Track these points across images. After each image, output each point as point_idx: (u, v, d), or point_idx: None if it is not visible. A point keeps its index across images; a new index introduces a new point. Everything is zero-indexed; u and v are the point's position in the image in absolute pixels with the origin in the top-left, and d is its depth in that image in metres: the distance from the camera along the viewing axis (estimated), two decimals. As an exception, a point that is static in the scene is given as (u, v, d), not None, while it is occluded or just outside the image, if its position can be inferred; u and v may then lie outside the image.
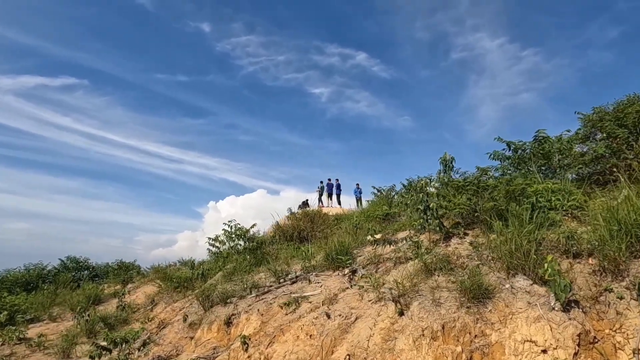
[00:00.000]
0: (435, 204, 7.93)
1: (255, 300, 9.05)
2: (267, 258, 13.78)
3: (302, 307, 7.68)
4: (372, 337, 5.99)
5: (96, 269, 26.78)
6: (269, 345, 6.84)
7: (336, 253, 9.20)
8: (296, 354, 6.31)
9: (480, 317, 5.39)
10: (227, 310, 9.21)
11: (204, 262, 15.87)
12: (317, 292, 8.09)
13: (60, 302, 19.23)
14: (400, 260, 8.10)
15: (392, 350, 5.52)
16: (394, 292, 6.45)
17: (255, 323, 8.11)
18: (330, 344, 6.24)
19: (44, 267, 25.50)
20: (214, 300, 9.81)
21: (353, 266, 8.54)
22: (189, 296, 12.66)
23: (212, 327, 8.90)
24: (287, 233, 14.87)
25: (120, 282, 21.66)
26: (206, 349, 8.46)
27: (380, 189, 15.73)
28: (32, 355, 10.83)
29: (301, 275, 9.44)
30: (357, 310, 6.84)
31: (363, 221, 13.38)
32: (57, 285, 22.15)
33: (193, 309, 10.57)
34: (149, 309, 13.26)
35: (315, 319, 6.88)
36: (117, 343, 8.16)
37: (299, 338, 6.65)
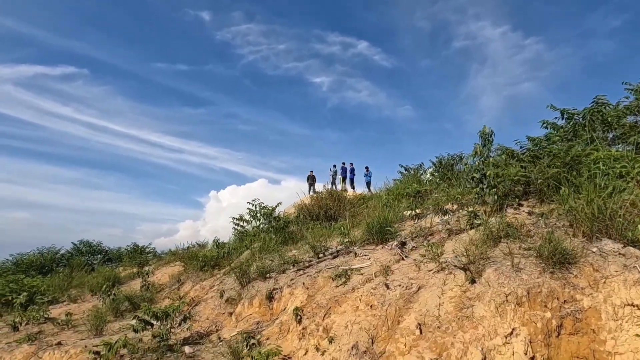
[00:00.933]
0: (492, 171, 7.55)
1: (297, 274, 8.74)
2: (293, 237, 13.51)
3: (353, 279, 7.36)
4: (441, 305, 5.67)
5: (109, 253, 26.57)
6: (326, 317, 6.53)
7: (380, 227, 8.86)
8: (359, 324, 6.00)
9: (566, 282, 5.05)
10: (267, 285, 8.90)
11: (225, 242, 15.56)
12: (367, 264, 7.77)
13: (76, 284, 19.06)
14: (454, 232, 7.76)
15: (469, 317, 5.20)
16: (460, 261, 6.11)
17: (301, 296, 7.81)
18: (395, 313, 5.93)
19: (58, 251, 25.30)
20: (251, 276, 9.50)
21: (400, 239, 8.19)
22: (217, 275, 12.38)
23: (253, 302, 8.60)
24: (312, 212, 14.53)
25: (136, 265, 21.42)
26: (249, 324, 8.17)
27: (407, 167, 15.36)
28: (61, 333, 10.58)
29: (342, 250, 9.13)
30: (417, 280, 6.52)
31: (392, 199, 13.03)
32: (72, 268, 21.96)
33: (227, 285, 10.27)
34: (174, 288, 12.98)
35: (374, 289, 6.56)
36: (159, 317, 7.86)
37: (358, 308, 6.33)
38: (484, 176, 7.60)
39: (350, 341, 5.72)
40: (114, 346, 7.04)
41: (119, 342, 7.13)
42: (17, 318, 11.15)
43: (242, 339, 6.75)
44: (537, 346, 4.62)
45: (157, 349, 7.71)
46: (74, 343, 9.10)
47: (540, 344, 4.62)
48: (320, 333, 6.24)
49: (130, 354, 7.62)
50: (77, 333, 10.39)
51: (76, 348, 8.58)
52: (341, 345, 5.71)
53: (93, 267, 23.47)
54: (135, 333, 7.71)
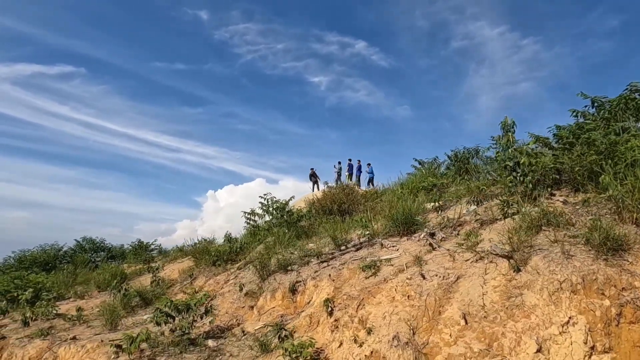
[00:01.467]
0: (526, 159, 7.32)
1: (321, 267, 8.50)
2: (306, 231, 13.27)
3: (384, 270, 7.13)
4: (485, 295, 5.44)
5: (112, 250, 26.24)
6: (360, 308, 6.29)
7: (405, 218, 8.63)
8: (397, 314, 5.76)
9: (622, 269, 4.83)
10: (289, 277, 8.66)
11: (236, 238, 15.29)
12: (396, 255, 7.54)
13: (81, 281, 18.79)
14: (486, 222, 7.54)
15: (520, 306, 4.97)
16: (502, 249, 5.88)
17: (327, 288, 7.56)
18: (435, 303, 5.69)
19: (61, 248, 24.97)
20: (272, 269, 9.26)
21: (428, 230, 7.96)
22: (230, 269, 12.13)
23: (276, 294, 8.36)
24: (325, 207, 14.27)
25: (141, 262, 21.13)
26: (273, 317, 7.92)
27: (421, 161, 15.13)
28: (73, 328, 10.30)
29: (365, 242, 8.89)
30: (453, 270, 6.29)
31: (407, 193, 12.80)
32: (76, 265, 21.67)
33: (244, 279, 10.02)
34: (187, 283, 12.71)
35: (409, 279, 6.33)
36: (180, 310, 7.60)
37: (394, 299, 6.09)
38: (517, 164, 7.37)
39: (390, 332, 5.49)
40: (136, 339, 6.78)
41: (141, 335, 6.87)
42: (27, 313, 10.85)
43: (273, 330, 6.49)
44: (597, 335, 4.39)
45: (178, 343, 7.45)
46: (89, 338, 8.83)
47: (600, 332, 4.40)
48: (355, 324, 6.00)
49: (151, 348, 7.36)
50: (90, 328, 10.12)
51: (93, 342, 8.32)
52: (381, 337, 5.47)
53: (97, 265, 23.18)
54: (158, 326, 7.45)
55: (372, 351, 5.35)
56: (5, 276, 17.16)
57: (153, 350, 7.32)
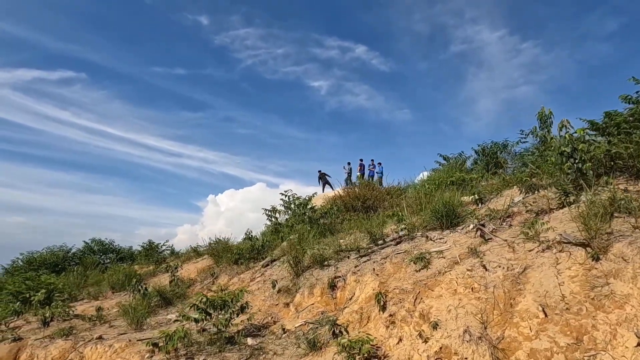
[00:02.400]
0: (583, 146, 6.91)
1: (360, 261, 8.07)
2: (330, 228, 12.86)
3: (435, 262, 6.70)
4: (562, 285, 5.01)
5: (121, 251, 25.81)
6: (417, 302, 5.86)
7: (447, 211, 8.22)
8: (463, 307, 5.33)
9: None
10: (327, 273, 8.24)
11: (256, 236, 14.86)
12: (445, 247, 7.11)
13: (92, 282, 18.42)
14: (540, 211, 7.12)
15: (609, 296, 4.54)
16: (574, 237, 5.46)
17: (372, 283, 7.13)
18: (504, 296, 5.27)
19: (69, 250, 24.56)
20: (306, 265, 8.83)
21: (477, 222, 7.53)
22: (254, 267, 11.70)
23: (314, 291, 7.93)
24: (348, 204, 13.86)
25: (153, 263, 20.70)
26: (312, 314, 7.50)
27: (446, 156, 14.74)
28: (95, 328, 9.86)
29: (405, 236, 8.47)
30: (517, 261, 5.86)
31: (434, 188, 12.40)
32: (86, 267, 21.27)
33: (275, 275, 9.59)
34: (208, 282, 12.28)
35: (470, 271, 5.90)
36: (216, 307, 7.17)
37: (457, 292, 5.66)
38: (574, 150, 6.96)
39: (459, 326, 5.06)
40: (174, 337, 6.34)
41: (179, 333, 6.44)
42: (47, 313, 10.42)
43: (328, 326, 6.06)
44: None
45: (214, 341, 7.02)
46: (116, 337, 8.39)
47: None
48: (416, 319, 5.57)
49: (185, 347, 6.93)
50: (112, 328, 9.68)
51: (120, 342, 7.88)
52: (449, 331, 5.05)
53: (106, 266, 22.76)
54: (196, 323, 7.02)
55: (441, 347, 4.92)
56: (17, 277, 16.77)
57: (188, 350, 6.89)
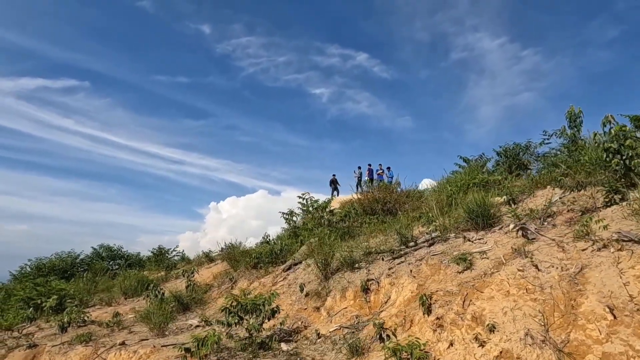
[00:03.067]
0: (631, 141, 6.64)
1: (393, 263, 7.79)
2: (348, 231, 12.59)
3: (479, 263, 6.42)
4: (627, 285, 4.72)
5: (130, 257, 25.52)
6: (466, 304, 5.56)
7: (482, 211, 7.95)
8: (520, 310, 5.04)
9: None
10: (358, 276, 7.96)
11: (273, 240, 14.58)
12: (487, 248, 6.83)
13: (102, 288, 18.18)
14: (584, 210, 6.84)
15: (685, 296, 4.25)
16: (635, 235, 5.18)
17: (410, 286, 6.85)
18: (564, 297, 4.97)
19: (77, 256, 24.28)
20: (334, 268, 8.54)
21: (517, 222, 7.25)
22: (274, 271, 11.41)
23: (346, 294, 7.64)
24: (367, 207, 13.57)
25: (164, 269, 20.42)
26: (346, 318, 7.20)
27: (467, 158, 14.47)
28: (114, 335, 9.57)
29: (438, 237, 8.18)
30: (570, 260, 5.57)
31: (456, 191, 12.11)
32: (95, 273, 21.03)
33: (300, 279, 9.30)
34: (226, 287, 11.98)
35: (521, 271, 5.61)
36: (247, 311, 6.88)
37: (509, 293, 5.37)
38: (621, 146, 6.69)
39: (518, 329, 4.76)
40: (207, 342, 6.05)
41: (212, 337, 6.15)
42: (65, 318, 10.13)
43: (375, 329, 5.76)
44: None
45: (246, 347, 6.73)
46: (139, 343, 8.10)
47: None
48: (468, 322, 5.27)
49: (215, 353, 6.63)
50: (132, 334, 9.39)
51: (145, 348, 7.58)
52: (508, 335, 4.75)
53: (115, 272, 22.50)
54: (229, 327, 6.72)
55: (501, 351, 4.62)
56: (28, 283, 16.52)
57: (219, 355, 6.59)
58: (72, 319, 11.10)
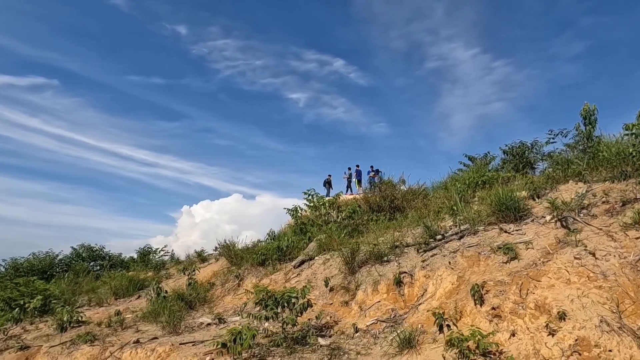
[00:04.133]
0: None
1: (426, 256, 7.57)
2: (356, 228, 12.36)
3: (524, 254, 6.27)
4: (696, 271, 4.65)
5: (112, 258, 24.40)
6: (524, 293, 5.37)
7: (512, 205, 7.86)
8: (587, 297, 4.88)
9: None
10: (388, 269, 7.70)
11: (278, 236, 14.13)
12: (527, 238, 6.70)
13: (87, 289, 17.26)
14: (625, 201, 6.81)
15: None
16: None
17: (450, 277, 6.64)
18: (631, 284, 4.86)
19: (56, 256, 23.04)
20: (360, 261, 8.26)
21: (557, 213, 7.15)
22: (282, 268, 11.01)
23: (379, 287, 7.37)
24: (374, 204, 13.36)
25: (151, 269, 19.61)
26: (382, 312, 6.91)
27: (472, 157, 14.48)
28: (118, 334, 8.94)
29: (467, 229, 8.02)
30: (625, 249, 5.50)
31: (465, 188, 12.08)
32: (77, 274, 19.99)
33: (321, 274, 8.95)
34: (233, 284, 11.46)
35: (577, 260, 5.48)
36: (280, 304, 6.49)
37: (570, 281, 5.22)
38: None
39: (590, 316, 4.60)
40: (245, 337, 5.64)
41: (249, 332, 5.74)
42: (65, 317, 9.41)
43: (435, 319, 5.48)
44: None
45: (279, 342, 6.34)
46: (153, 341, 7.57)
47: None
48: (531, 311, 5.07)
49: (248, 349, 6.19)
50: (140, 333, 8.80)
51: (163, 346, 7.09)
52: (581, 322, 4.57)
53: (98, 273, 21.48)
54: (267, 321, 6.32)
55: (576, 339, 4.43)
56: (8, 283, 15.47)
57: (251, 351, 6.16)
58: (71, 319, 10.38)
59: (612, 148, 8.55)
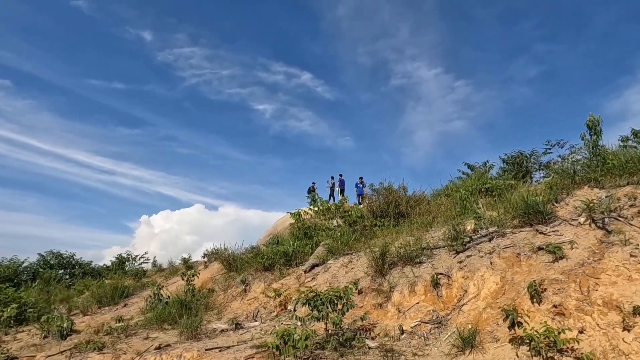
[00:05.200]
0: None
1: (464, 257, 7.50)
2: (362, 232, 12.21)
3: (570, 253, 6.32)
4: None
5: (83, 266, 22.90)
6: (586, 291, 5.38)
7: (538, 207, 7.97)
8: (654, 292, 4.93)
9: None
10: (423, 270, 7.56)
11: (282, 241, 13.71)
12: (567, 239, 6.77)
13: (60, 298, 16.12)
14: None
15: None
16: None
17: (493, 278, 6.60)
18: (694, 280, 4.96)
19: (21, 263, 21.40)
20: (388, 263, 8.08)
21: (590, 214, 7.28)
22: (292, 273, 10.65)
23: (416, 289, 7.20)
24: (377, 210, 13.27)
25: (132, 276, 18.58)
26: (423, 313, 6.75)
27: (471, 165, 14.73)
28: (125, 342, 8.27)
29: (495, 232, 8.04)
30: (675, 247, 5.64)
31: (468, 195, 12.24)
32: (47, 282, 18.68)
33: (343, 277, 8.69)
34: (238, 290, 10.94)
35: (634, 257, 5.55)
36: (323, 304, 6.19)
37: (632, 278, 5.28)
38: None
39: (664, 311, 4.63)
40: (301, 336, 5.32)
41: (304, 333, 5.42)
42: (65, 324, 8.62)
43: (507, 315, 5.35)
44: None
45: (322, 344, 6.03)
46: (178, 346, 7.03)
47: None
48: (599, 307, 5.07)
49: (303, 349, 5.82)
50: (150, 340, 8.17)
51: (190, 352, 6.59)
52: (657, 317, 4.60)
53: (70, 282, 20.13)
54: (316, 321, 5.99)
55: (657, 333, 4.45)
56: (-23, 290, 14.14)
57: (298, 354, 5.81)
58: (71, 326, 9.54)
59: (619, 156, 8.91)
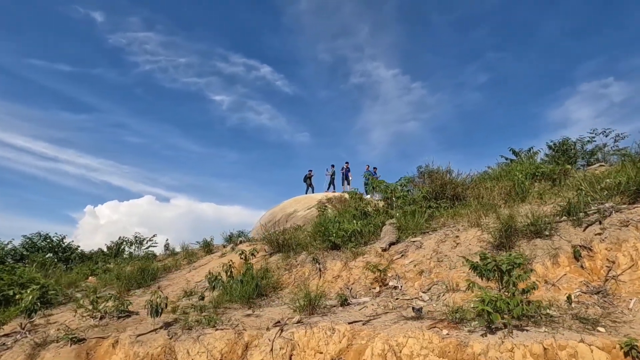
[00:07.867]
0: None
1: (597, 229, 7.37)
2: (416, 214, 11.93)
3: None
4: None
5: (73, 250, 21.06)
6: None
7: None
8: None
9: None
10: (554, 243, 7.35)
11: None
12: None
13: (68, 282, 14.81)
14: None
15: None
16: None
17: (645, 248, 6.48)
18: None
19: (5, 245, 19.32)
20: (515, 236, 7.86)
21: None
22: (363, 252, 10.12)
23: (559, 261, 6.98)
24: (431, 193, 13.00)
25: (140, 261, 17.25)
26: (576, 284, 6.54)
27: (516, 151, 14.83)
28: (221, 317, 7.46)
29: (612, 207, 7.98)
30: None
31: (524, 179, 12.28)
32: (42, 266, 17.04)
33: (455, 250, 8.33)
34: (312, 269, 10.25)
35: None
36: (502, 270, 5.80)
37: None
38: None
39: None
40: (514, 303, 4.89)
41: (512, 300, 5.00)
42: (157, 299, 7.59)
43: None
44: None
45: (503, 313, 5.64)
46: (319, 320, 6.39)
47: None
48: None
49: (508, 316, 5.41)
50: (255, 317, 7.42)
51: (339, 325, 5.98)
52: None
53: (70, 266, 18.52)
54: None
55: None
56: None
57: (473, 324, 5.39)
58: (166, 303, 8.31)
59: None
